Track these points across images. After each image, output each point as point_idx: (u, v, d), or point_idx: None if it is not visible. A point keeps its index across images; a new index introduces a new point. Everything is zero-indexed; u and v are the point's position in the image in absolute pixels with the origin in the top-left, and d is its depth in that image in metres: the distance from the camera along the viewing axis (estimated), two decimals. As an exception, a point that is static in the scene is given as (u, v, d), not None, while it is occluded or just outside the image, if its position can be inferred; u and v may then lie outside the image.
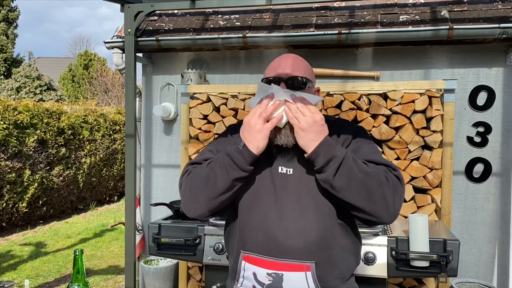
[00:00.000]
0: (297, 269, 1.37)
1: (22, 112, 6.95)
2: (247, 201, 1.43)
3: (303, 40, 3.49)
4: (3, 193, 6.61)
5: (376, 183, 1.29)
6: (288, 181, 1.41)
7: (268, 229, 1.38)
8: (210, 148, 1.52)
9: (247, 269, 1.43)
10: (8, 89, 14.04)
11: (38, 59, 28.77)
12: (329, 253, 1.40)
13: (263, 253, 1.39)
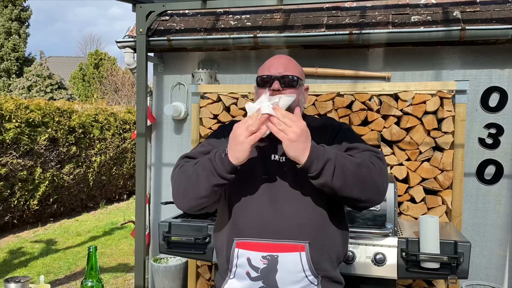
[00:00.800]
0: (292, 250, 1.41)
1: (34, 110, 7.02)
2: (239, 189, 1.48)
3: (314, 40, 3.49)
4: (15, 190, 6.69)
5: (367, 171, 1.35)
6: (281, 168, 1.48)
7: (262, 213, 1.43)
8: (204, 142, 1.59)
9: (240, 255, 1.45)
10: (19, 87, 14.19)
11: (49, 58, 29.03)
12: (321, 235, 1.45)
13: (258, 236, 1.43)
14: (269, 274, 1.42)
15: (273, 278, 1.42)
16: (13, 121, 6.59)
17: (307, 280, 1.44)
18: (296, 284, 1.43)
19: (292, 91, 1.50)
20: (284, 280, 1.42)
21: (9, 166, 6.51)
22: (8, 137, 6.47)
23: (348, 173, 1.31)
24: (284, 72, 1.51)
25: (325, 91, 3.45)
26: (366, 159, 1.38)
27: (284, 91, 1.48)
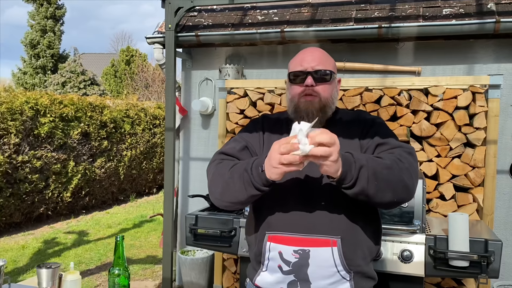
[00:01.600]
0: (323, 245, 1.40)
1: (67, 105, 7.23)
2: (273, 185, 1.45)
3: (342, 34, 3.45)
4: (49, 183, 6.91)
5: (397, 172, 1.32)
6: (313, 163, 1.40)
7: (294, 207, 1.42)
8: (237, 137, 1.57)
9: (272, 249, 1.45)
10: (54, 84, 14.64)
11: (83, 55, 29.78)
12: (353, 231, 1.43)
13: (290, 231, 1.42)
14: (300, 268, 1.41)
15: (304, 272, 1.41)
16: (47, 116, 6.81)
17: (339, 275, 1.42)
18: (327, 279, 1.42)
19: (326, 86, 1.47)
20: (316, 274, 1.41)
21: (44, 159, 6.74)
22: (43, 131, 6.69)
23: (380, 177, 1.28)
24: (317, 66, 1.47)
25: (353, 86, 3.42)
26: (395, 159, 1.34)
27: (317, 86, 1.45)
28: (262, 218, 1.49)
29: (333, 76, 1.50)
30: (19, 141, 6.33)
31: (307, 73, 1.46)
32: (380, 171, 1.28)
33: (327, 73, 1.47)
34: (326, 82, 1.47)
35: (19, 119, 6.32)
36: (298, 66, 1.49)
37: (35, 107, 6.61)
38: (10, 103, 6.25)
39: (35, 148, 6.62)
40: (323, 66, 1.47)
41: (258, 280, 1.52)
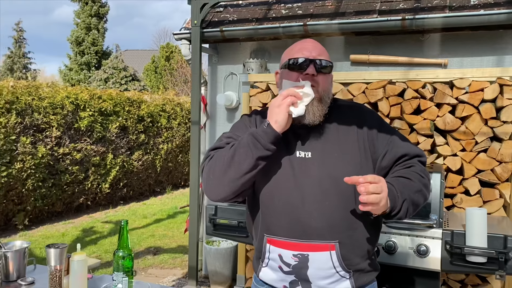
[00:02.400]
0: (322, 249, 1.40)
1: (106, 100, 7.52)
2: (267, 189, 1.46)
3: (365, 27, 3.42)
4: (89, 174, 7.24)
5: (423, 192, 1.43)
6: (308, 164, 1.43)
7: (291, 213, 1.41)
8: (228, 134, 1.56)
9: (272, 251, 1.47)
10: (97, 79, 15.23)
11: (126, 52, 30.66)
12: (351, 232, 1.42)
13: (288, 236, 1.42)
14: (300, 270, 1.43)
15: (304, 273, 1.43)
16: (87, 110, 7.12)
17: (338, 275, 1.44)
18: (327, 279, 1.43)
19: (325, 77, 1.45)
20: (315, 275, 1.43)
21: (84, 152, 7.06)
22: (83, 125, 7.01)
23: (414, 203, 1.38)
24: (318, 56, 1.44)
25: (376, 79, 3.38)
26: (419, 177, 1.42)
27: (317, 76, 1.42)
28: (260, 221, 1.49)
29: (331, 69, 1.48)
30: (60, 134, 6.67)
31: (310, 61, 1.42)
32: (413, 198, 1.38)
33: (329, 65, 1.46)
34: (326, 74, 1.45)
35: (60, 113, 6.65)
36: (299, 54, 1.45)
37: (75, 101, 6.93)
38: (52, 98, 6.59)
39: (75, 141, 6.95)
40: (324, 56, 1.46)
41: (261, 275, 1.55)
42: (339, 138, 1.47)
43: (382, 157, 1.47)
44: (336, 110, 1.53)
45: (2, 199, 5.90)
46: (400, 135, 1.53)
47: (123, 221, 1.48)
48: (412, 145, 1.52)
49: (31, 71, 25.62)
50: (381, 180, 1.28)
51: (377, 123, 1.52)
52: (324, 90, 1.45)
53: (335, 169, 1.41)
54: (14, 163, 5.92)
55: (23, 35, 25.72)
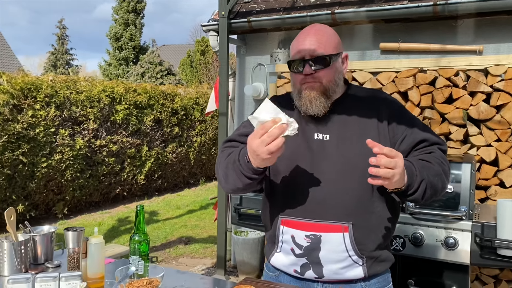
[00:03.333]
0: (335, 230, 1.39)
1: (141, 94, 7.69)
2: (284, 171, 1.46)
3: (395, 14, 3.33)
4: (125, 166, 7.44)
5: (443, 178, 1.41)
6: (325, 146, 1.44)
7: (306, 193, 1.41)
8: (245, 122, 1.57)
9: (285, 232, 1.47)
10: (134, 74, 15.61)
11: (163, 47, 31.20)
12: (366, 216, 1.41)
13: (302, 216, 1.42)
14: (312, 252, 1.42)
15: (316, 255, 1.42)
16: (123, 103, 7.30)
17: (350, 259, 1.42)
18: (339, 263, 1.42)
19: (326, 71, 1.40)
20: (327, 258, 1.42)
21: (120, 144, 7.25)
22: (119, 117, 7.20)
23: (431, 186, 1.36)
24: (315, 52, 1.39)
25: (406, 67, 3.29)
26: (440, 162, 1.41)
27: (317, 72, 1.40)
28: (275, 202, 1.50)
29: (333, 59, 1.42)
30: (97, 126, 6.88)
31: (304, 62, 1.40)
32: (432, 181, 1.35)
33: (325, 58, 1.40)
34: (326, 67, 1.40)
35: (97, 106, 6.86)
36: (296, 54, 1.43)
37: (111, 95, 7.12)
38: (89, 91, 6.80)
39: (111, 133, 7.15)
40: (322, 50, 1.40)
41: (272, 260, 1.55)
42: (358, 122, 1.46)
43: (401, 141, 1.45)
44: (353, 96, 1.52)
45: (43, 189, 6.16)
46: (420, 122, 1.51)
47: (139, 206, 1.51)
48: (432, 132, 1.50)
49: (73, 67, 26.55)
50: (398, 155, 1.24)
51: (397, 108, 1.50)
52: (329, 82, 1.43)
53: (353, 151, 1.41)
54: (53, 155, 6.16)
55: (65, 32, 26.66)
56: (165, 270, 1.52)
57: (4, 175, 5.55)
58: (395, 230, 2.46)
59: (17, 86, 5.76)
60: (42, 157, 6.01)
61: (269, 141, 1.21)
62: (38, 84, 6.09)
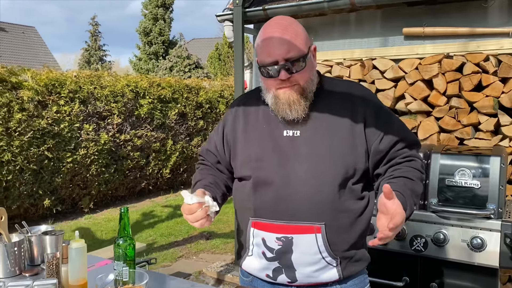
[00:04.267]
0: (306, 231, 1.32)
1: (165, 87, 7.66)
2: (250, 172, 1.40)
3: (419, -4, 3.10)
4: (150, 160, 7.46)
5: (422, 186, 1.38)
6: (295, 143, 1.36)
7: (275, 193, 1.35)
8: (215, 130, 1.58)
9: (256, 235, 1.38)
10: (163, 68, 15.69)
11: (192, 40, 31.37)
12: (339, 215, 1.34)
13: (272, 217, 1.35)
14: (284, 255, 1.36)
15: (288, 258, 1.36)
16: (146, 98, 7.30)
17: (324, 261, 1.35)
18: (312, 266, 1.36)
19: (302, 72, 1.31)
20: (300, 261, 1.35)
21: (144, 138, 7.26)
22: (143, 112, 7.20)
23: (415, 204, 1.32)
24: (288, 54, 1.28)
25: (431, 53, 3.07)
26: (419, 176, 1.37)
27: (293, 76, 1.30)
28: (245, 204, 1.42)
29: (307, 58, 1.32)
30: (122, 121, 6.90)
31: (280, 67, 1.28)
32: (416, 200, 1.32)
33: (300, 60, 1.29)
34: (302, 69, 1.31)
35: (121, 101, 6.88)
36: (267, 57, 1.30)
37: (135, 89, 7.12)
38: (113, 86, 6.82)
39: (136, 128, 7.16)
40: (294, 51, 1.28)
41: (244, 265, 1.48)
42: (331, 118, 1.37)
43: (380, 140, 1.36)
44: (327, 91, 1.42)
45: (69, 184, 6.24)
46: (398, 121, 1.44)
47: (123, 208, 1.41)
48: (409, 132, 1.45)
49: (106, 63, 27.10)
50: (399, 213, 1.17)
51: (374, 107, 1.41)
52: (306, 82, 1.34)
53: (324, 148, 1.33)
54: (78, 150, 6.22)
55: (98, 29, 27.20)
56: (155, 276, 1.42)
57: (31, 171, 5.64)
58: (416, 229, 2.30)
59: (42, 82, 5.83)
60: (67, 152, 6.07)
61: (194, 221, 1.32)
62: (62, 80, 6.15)
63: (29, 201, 5.77)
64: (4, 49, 23.04)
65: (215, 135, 1.57)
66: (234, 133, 1.47)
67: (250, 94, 1.55)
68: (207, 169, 1.57)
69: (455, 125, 2.96)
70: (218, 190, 1.49)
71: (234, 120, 1.49)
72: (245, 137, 1.44)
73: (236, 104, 1.53)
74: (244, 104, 1.51)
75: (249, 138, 1.43)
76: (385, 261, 2.45)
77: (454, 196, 2.30)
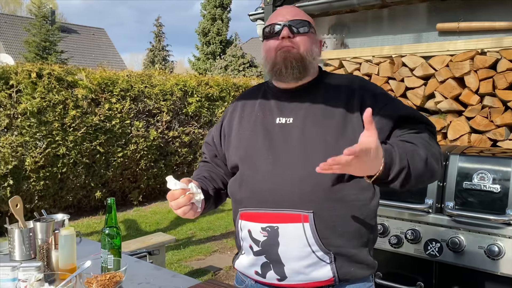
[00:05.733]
0: (293, 220, 1.25)
1: (212, 86, 7.85)
2: (240, 158, 1.39)
3: (452, -10, 2.95)
4: (197, 156, 7.68)
5: (431, 158, 1.22)
6: (287, 130, 1.34)
7: (262, 179, 1.31)
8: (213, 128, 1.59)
9: (243, 227, 1.35)
10: (218, 67, 16.04)
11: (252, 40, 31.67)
12: (330, 205, 1.26)
13: (257, 206, 1.31)
14: (270, 248, 1.29)
15: (275, 252, 1.28)
16: (194, 96, 7.51)
17: (314, 256, 1.26)
18: (302, 260, 1.27)
19: (304, 37, 1.35)
20: (288, 255, 1.27)
21: (192, 135, 7.49)
22: (190, 110, 7.42)
23: (415, 174, 1.18)
24: (292, 18, 1.36)
25: (462, 49, 2.92)
26: (426, 144, 1.24)
27: (294, 37, 1.33)
28: (236, 196, 1.41)
29: (311, 29, 1.37)
30: (170, 118, 7.16)
31: (283, 25, 1.34)
32: (417, 168, 1.18)
33: (305, 24, 1.35)
34: (304, 34, 1.35)
35: (170, 99, 7.14)
36: (273, 20, 1.39)
37: (183, 88, 7.36)
38: (163, 85, 7.09)
39: (183, 125, 7.40)
40: (300, 17, 1.37)
41: (236, 264, 1.45)
42: (325, 107, 1.34)
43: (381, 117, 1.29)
44: (325, 82, 1.41)
45: (119, 177, 6.58)
46: (402, 103, 1.38)
47: (110, 199, 1.49)
48: (418, 112, 1.36)
49: (169, 63, 28.09)
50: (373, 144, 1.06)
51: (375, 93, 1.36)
52: (306, 50, 1.35)
53: (316, 134, 1.30)
54: (128, 145, 6.54)
55: (161, 30, 28.25)
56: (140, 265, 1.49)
57: (84, 164, 6.02)
58: (431, 233, 2.21)
59: (95, 81, 6.19)
60: (118, 147, 6.41)
61: (176, 208, 1.29)
62: (115, 79, 6.49)
63: (82, 192, 6.16)
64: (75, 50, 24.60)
65: (214, 129, 1.58)
66: (230, 124, 1.48)
67: (252, 88, 1.57)
68: (205, 165, 1.58)
69: (487, 126, 2.79)
70: (211, 184, 1.47)
71: (233, 112, 1.51)
72: (239, 126, 1.45)
73: (238, 98, 1.56)
74: (244, 97, 1.53)
75: (242, 127, 1.43)
76: (399, 264, 2.38)
77: (472, 200, 2.18)
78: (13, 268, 1.34)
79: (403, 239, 2.32)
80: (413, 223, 2.31)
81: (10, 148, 5.25)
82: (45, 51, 17.16)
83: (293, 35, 1.33)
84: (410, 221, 2.31)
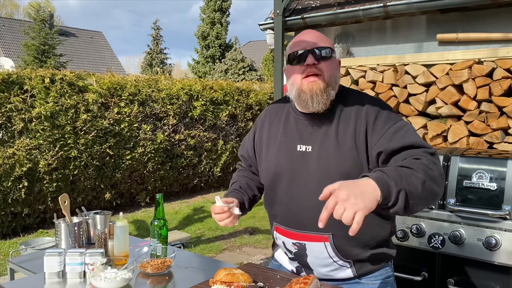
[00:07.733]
0: (316, 240, 1.47)
1: (216, 90, 8.07)
2: (269, 180, 1.58)
3: (451, 3, 3.19)
4: (202, 159, 7.89)
5: (429, 185, 1.25)
6: (306, 159, 1.48)
7: (289, 205, 1.51)
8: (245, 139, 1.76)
9: (278, 238, 1.59)
10: (218, 71, 16.26)
11: (249, 43, 31.89)
12: (346, 226, 1.33)
13: (288, 225, 1.53)
14: (301, 258, 1.54)
15: (305, 260, 1.54)
16: (199, 100, 7.73)
17: (336, 264, 1.50)
18: (327, 267, 1.52)
19: (327, 63, 1.44)
20: (315, 263, 1.52)
21: (197, 138, 7.70)
22: (196, 113, 7.64)
23: (415, 195, 1.22)
24: (316, 44, 1.44)
25: (461, 59, 3.15)
26: (425, 168, 1.27)
27: (319, 63, 1.42)
28: (269, 209, 1.63)
29: (333, 53, 1.48)
30: (176, 122, 7.37)
31: (308, 51, 1.42)
32: (416, 189, 1.22)
33: (328, 49, 1.45)
34: (327, 59, 1.44)
35: (176, 103, 7.35)
36: (297, 46, 1.46)
37: (189, 92, 7.57)
38: (169, 89, 7.30)
39: (189, 128, 7.61)
40: (323, 43, 1.46)
41: (276, 255, 1.69)
42: (337, 132, 1.45)
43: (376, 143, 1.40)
44: (341, 99, 1.51)
45: (127, 179, 6.78)
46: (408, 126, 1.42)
47: (158, 195, 1.71)
48: (420, 138, 1.41)
49: (167, 66, 28.24)
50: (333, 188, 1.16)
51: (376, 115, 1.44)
52: (330, 76, 1.45)
53: (330, 163, 1.44)
54: (136, 148, 6.75)
55: (159, 33, 28.40)
56: (182, 252, 1.70)
57: (94, 166, 6.21)
58: (434, 228, 2.44)
59: (105, 86, 6.39)
60: (127, 150, 6.61)
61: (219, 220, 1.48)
62: (123, 83, 6.70)
63: (92, 194, 6.35)
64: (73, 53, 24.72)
65: (247, 141, 1.73)
66: (260, 142, 1.64)
67: (278, 105, 1.65)
68: (242, 171, 1.79)
69: (484, 129, 3.02)
70: (247, 194, 1.65)
71: (261, 128, 1.65)
72: (267, 148, 1.59)
73: (265, 113, 1.69)
74: (270, 114, 1.65)
75: (269, 150, 1.58)
76: (405, 256, 2.60)
77: (471, 197, 2.41)
78: (81, 253, 1.55)
79: (408, 233, 2.55)
80: (417, 219, 2.53)
81: (25, 151, 5.45)
82: (44, 55, 17.31)
83: (317, 62, 1.42)
84: (415, 216, 2.54)
